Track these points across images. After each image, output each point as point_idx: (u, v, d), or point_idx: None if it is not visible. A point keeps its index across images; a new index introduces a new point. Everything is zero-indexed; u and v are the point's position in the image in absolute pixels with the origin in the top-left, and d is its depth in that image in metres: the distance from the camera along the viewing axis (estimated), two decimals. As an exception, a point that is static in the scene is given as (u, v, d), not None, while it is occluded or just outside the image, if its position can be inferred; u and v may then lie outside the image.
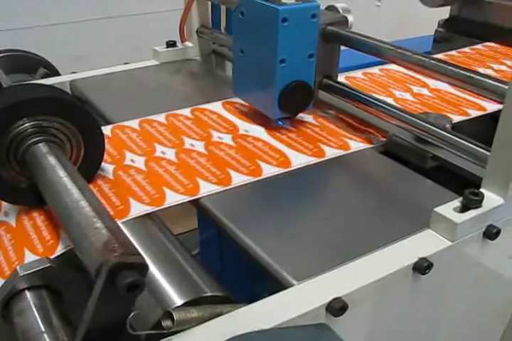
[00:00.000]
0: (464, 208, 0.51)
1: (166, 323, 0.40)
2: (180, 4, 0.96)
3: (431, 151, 0.65)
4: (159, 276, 0.47)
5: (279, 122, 0.73)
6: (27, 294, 0.45)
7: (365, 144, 0.69)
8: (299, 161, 0.65)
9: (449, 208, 0.51)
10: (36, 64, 1.00)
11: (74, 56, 1.67)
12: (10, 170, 0.55)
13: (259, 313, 0.42)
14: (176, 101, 0.82)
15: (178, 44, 0.99)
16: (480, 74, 0.59)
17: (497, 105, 0.64)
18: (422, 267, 0.47)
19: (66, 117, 0.55)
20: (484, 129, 0.58)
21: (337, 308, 0.43)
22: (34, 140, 0.54)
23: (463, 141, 0.61)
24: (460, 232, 0.50)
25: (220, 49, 0.99)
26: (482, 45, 1.03)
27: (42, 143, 0.54)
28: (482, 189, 0.53)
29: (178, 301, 0.44)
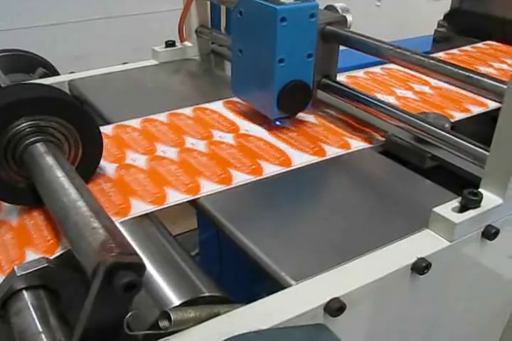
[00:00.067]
0: (463, 208, 0.51)
1: (164, 323, 0.40)
2: (181, 4, 0.96)
3: (430, 151, 0.65)
4: (157, 276, 0.47)
5: (278, 122, 0.73)
6: (24, 294, 0.45)
7: (364, 144, 0.69)
8: (300, 160, 0.65)
9: (448, 208, 0.51)
10: (35, 64, 1.00)
11: (74, 56, 1.66)
12: (8, 170, 0.55)
13: (256, 313, 0.42)
14: (175, 101, 0.82)
15: (178, 44, 0.99)
16: (479, 73, 0.59)
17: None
18: (421, 267, 0.47)
19: (64, 117, 0.55)
20: (484, 129, 0.58)
21: (335, 308, 0.43)
22: (32, 139, 0.54)
23: (462, 141, 0.60)
24: (459, 232, 0.50)
25: (219, 49, 0.99)
26: (483, 44, 1.03)
27: (40, 142, 0.54)
28: (481, 189, 0.53)
29: (176, 301, 0.44)
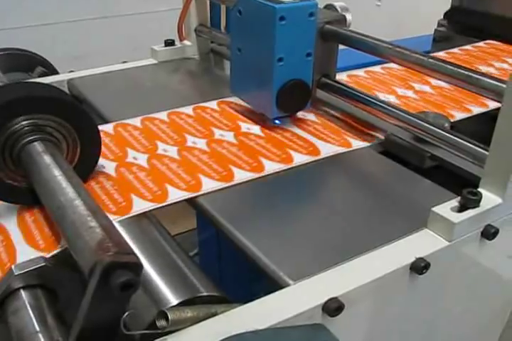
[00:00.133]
0: (462, 208, 0.51)
1: (161, 323, 0.40)
2: (180, 3, 0.95)
3: (429, 151, 0.64)
4: (154, 276, 0.47)
5: (277, 121, 0.73)
6: (22, 293, 0.45)
7: (364, 143, 0.68)
8: (301, 158, 0.65)
9: (447, 208, 0.51)
10: (34, 62, 0.99)
11: (73, 56, 1.66)
12: (6, 169, 0.55)
13: (254, 313, 0.42)
14: (174, 100, 0.82)
15: (177, 43, 0.99)
16: (478, 73, 0.58)
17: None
18: (419, 267, 0.47)
19: (62, 116, 0.55)
20: (483, 128, 0.58)
21: (333, 308, 0.42)
22: (30, 138, 0.53)
23: (461, 141, 0.60)
24: (458, 232, 0.49)
25: (219, 48, 0.99)
26: (484, 43, 1.03)
27: (37, 141, 0.54)
28: (480, 188, 0.53)
29: (174, 301, 0.44)
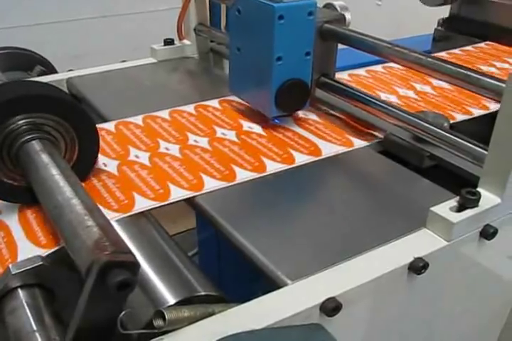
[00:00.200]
0: (461, 207, 0.51)
1: (158, 323, 0.40)
2: (180, 2, 0.95)
3: (428, 150, 0.64)
4: (152, 275, 0.47)
5: (276, 120, 0.72)
6: (19, 292, 0.45)
7: (364, 142, 0.68)
8: (303, 158, 0.65)
9: (446, 207, 0.50)
10: (33, 61, 0.99)
11: (73, 55, 1.66)
12: (4, 169, 0.54)
13: (251, 313, 0.42)
14: (173, 99, 0.82)
15: (176, 42, 0.99)
16: (478, 72, 0.58)
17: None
18: (418, 267, 0.47)
19: (60, 115, 0.55)
20: (483, 128, 0.57)
21: (331, 308, 0.42)
22: (28, 137, 0.53)
23: (460, 140, 0.60)
24: (456, 232, 0.49)
25: (218, 47, 0.99)
26: (485, 44, 1.03)
27: (35, 140, 0.53)
28: (479, 188, 0.52)
29: (171, 300, 0.44)
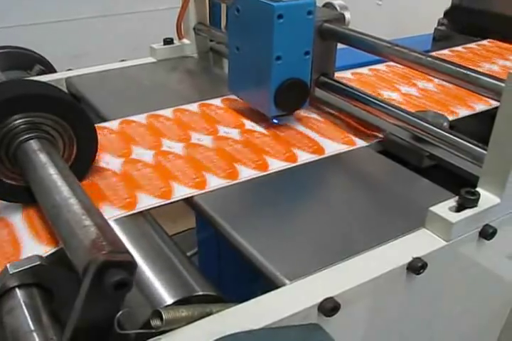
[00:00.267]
0: (460, 207, 0.50)
1: (155, 322, 0.40)
2: (180, 2, 0.95)
3: (428, 150, 0.64)
4: (150, 274, 0.46)
5: (275, 120, 0.72)
6: (17, 292, 0.45)
7: (364, 142, 0.68)
8: (306, 157, 0.65)
9: (445, 207, 0.50)
10: (33, 61, 0.99)
11: (72, 55, 1.66)
12: (3, 168, 0.54)
13: (249, 313, 0.42)
14: (173, 99, 0.81)
15: (176, 41, 0.98)
16: (477, 71, 0.58)
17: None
18: (416, 267, 0.47)
19: (59, 114, 0.55)
20: (482, 128, 0.57)
21: (329, 308, 0.42)
22: (26, 136, 0.53)
23: (460, 140, 0.60)
24: (455, 232, 0.49)
25: (218, 46, 0.98)
26: (488, 41, 1.03)
27: (34, 139, 0.53)
28: (478, 188, 0.52)
29: (169, 300, 0.44)
